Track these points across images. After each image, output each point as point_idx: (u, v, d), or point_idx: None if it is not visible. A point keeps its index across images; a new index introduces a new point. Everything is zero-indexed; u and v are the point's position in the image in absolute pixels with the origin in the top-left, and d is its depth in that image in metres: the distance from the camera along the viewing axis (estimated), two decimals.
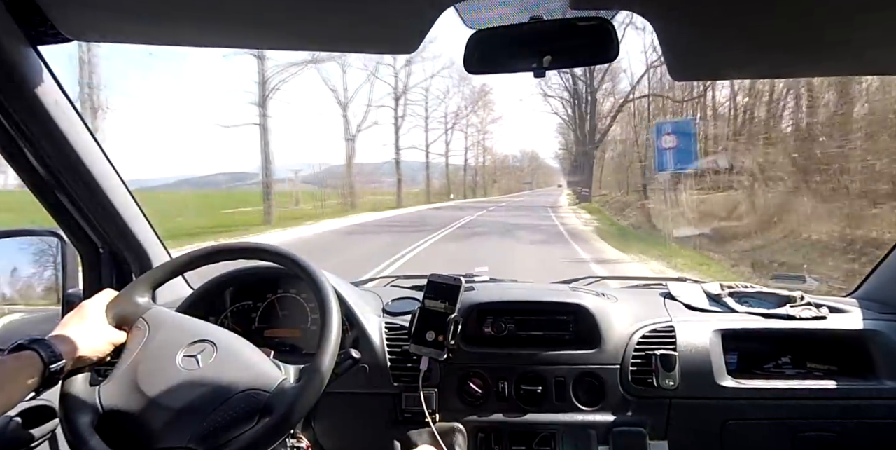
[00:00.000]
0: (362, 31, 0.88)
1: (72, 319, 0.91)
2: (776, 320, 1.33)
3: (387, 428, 1.25)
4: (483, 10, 0.88)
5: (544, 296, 1.37)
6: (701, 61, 0.97)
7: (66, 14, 0.83)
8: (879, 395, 1.21)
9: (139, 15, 0.82)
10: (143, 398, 0.83)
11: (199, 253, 1.07)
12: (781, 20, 0.78)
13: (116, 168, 1.33)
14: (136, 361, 0.88)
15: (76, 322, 0.91)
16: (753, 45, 0.88)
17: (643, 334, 1.28)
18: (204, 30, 0.90)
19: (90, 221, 1.36)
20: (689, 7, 0.75)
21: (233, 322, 1.36)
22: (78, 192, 1.29)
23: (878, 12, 0.74)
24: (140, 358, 0.88)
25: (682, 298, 1.47)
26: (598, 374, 1.25)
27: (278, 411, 0.83)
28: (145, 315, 0.94)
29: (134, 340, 0.91)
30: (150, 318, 0.93)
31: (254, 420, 0.84)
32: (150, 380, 0.85)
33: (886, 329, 1.28)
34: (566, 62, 0.95)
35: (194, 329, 0.94)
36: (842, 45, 0.88)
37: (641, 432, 1.22)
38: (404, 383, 1.23)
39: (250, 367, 0.90)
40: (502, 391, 1.26)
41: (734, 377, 1.25)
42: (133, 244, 1.44)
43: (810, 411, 1.22)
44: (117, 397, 0.84)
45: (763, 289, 1.49)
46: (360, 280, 1.70)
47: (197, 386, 0.85)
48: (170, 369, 0.87)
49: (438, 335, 1.18)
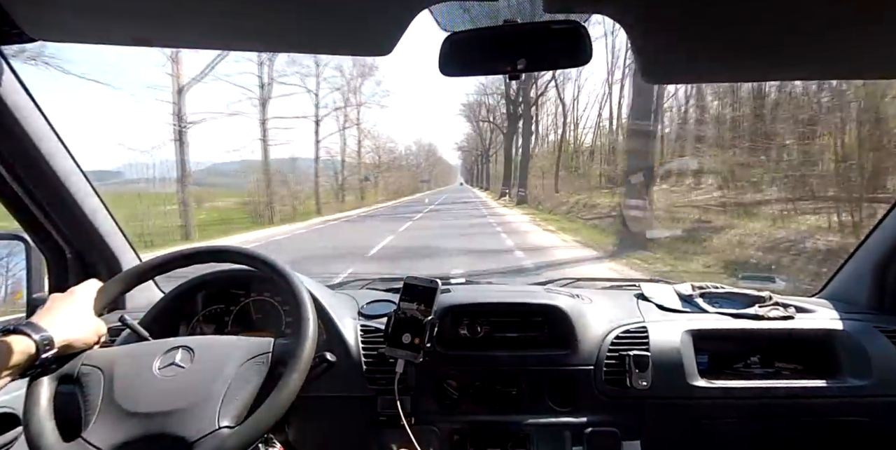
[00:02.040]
0: (337, 33, 0.87)
1: (62, 304, 0.89)
2: (745, 320, 1.36)
3: (362, 431, 1.24)
4: (458, 13, 0.88)
5: (519, 298, 1.37)
6: (673, 65, 0.99)
7: (30, 13, 0.81)
8: (843, 393, 1.24)
9: (105, 15, 0.80)
10: (142, 418, 0.81)
11: (171, 256, 1.06)
12: (754, 24, 0.79)
13: (83, 169, 1.30)
14: (107, 397, 0.84)
15: (67, 308, 0.88)
16: (726, 49, 0.90)
17: (617, 335, 1.30)
18: (173, 31, 0.88)
19: (56, 224, 1.32)
20: (661, 11, 0.76)
21: (205, 326, 1.33)
22: (43, 194, 1.26)
23: (849, 18, 0.76)
24: (111, 393, 0.84)
25: (655, 299, 1.49)
26: (572, 375, 1.26)
27: (291, 360, 0.87)
28: (85, 361, 0.89)
29: (90, 384, 0.86)
30: (92, 361, 0.89)
31: (270, 378, 0.87)
32: (139, 401, 0.83)
33: (850, 329, 1.32)
34: (540, 65, 0.96)
35: (151, 347, 0.94)
36: (813, 50, 0.90)
37: (615, 433, 1.23)
38: (380, 386, 1.23)
39: (238, 346, 0.91)
40: (478, 393, 1.27)
41: (705, 377, 1.27)
42: (101, 248, 1.41)
43: (778, 409, 1.25)
44: (112, 433, 0.80)
45: (733, 289, 1.52)
46: (335, 283, 1.69)
47: (193, 381, 0.85)
48: (154, 384, 0.85)
49: (414, 338, 1.17)
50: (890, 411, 1.23)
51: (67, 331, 0.85)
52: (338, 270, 7.36)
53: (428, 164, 68.18)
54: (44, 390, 0.84)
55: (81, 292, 0.92)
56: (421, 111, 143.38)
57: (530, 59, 0.89)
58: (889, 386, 1.24)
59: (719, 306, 1.44)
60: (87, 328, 0.89)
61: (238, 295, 1.36)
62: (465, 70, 0.97)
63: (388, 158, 41.73)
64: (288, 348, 0.90)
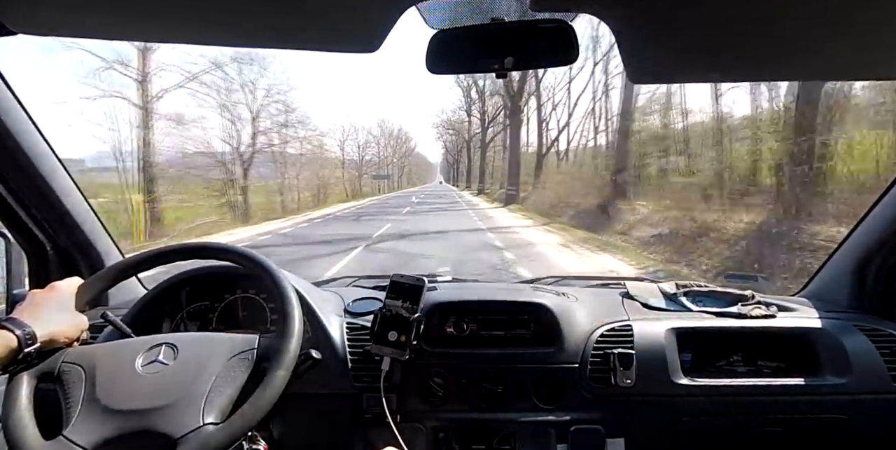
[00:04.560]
0: (322, 29, 0.86)
1: (44, 300, 0.88)
2: (728, 319, 1.38)
3: (347, 429, 1.24)
4: (445, 11, 0.88)
5: (505, 296, 1.38)
6: (660, 65, 0.99)
7: (9, 5, 0.80)
8: (823, 391, 1.26)
9: (86, 8, 0.78)
10: (125, 416, 0.80)
11: (154, 253, 1.05)
12: (741, 24, 0.80)
13: (64, 164, 1.28)
14: (89, 394, 0.83)
15: (49, 303, 0.88)
16: (713, 49, 0.90)
17: (602, 333, 1.31)
18: (155, 25, 0.87)
19: (36, 219, 1.30)
20: (648, 10, 0.77)
21: (189, 323, 1.32)
22: (23, 188, 1.24)
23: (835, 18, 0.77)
24: (93, 390, 0.83)
25: (640, 297, 1.50)
26: (557, 372, 1.27)
27: (276, 356, 0.87)
28: (66, 358, 0.88)
29: (71, 382, 0.85)
30: (73, 358, 0.88)
31: (255, 375, 0.87)
32: (122, 398, 0.82)
33: (830, 327, 1.34)
34: (527, 63, 0.96)
35: (133, 344, 0.93)
36: (801, 50, 0.91)
37: (599, 431, 1.24)
38: (365, 384, 1.22)
39: (222, 343, 0.91)
40: (463, 391, 1.27)
41: (688, 375, 1.28)
42: (83, 244, 1.39)
43: (760, 407, 1.27)
44: (95, 431, 0.78)
45: (716, 288, 1.53)
46: (321, 280, 1.68)
47: (177, 378, 0.84)
48: (137, 381, 0.84)
49: (400, 336, 1.17)
50: (868, 409, 1.26)
51: (49, 326, 0.84)
52: None
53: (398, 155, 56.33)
54: (23, 388, 0.83)
55: (63, 288, 0.91)
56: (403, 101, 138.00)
57: (517, 57, 0.90)
58: (867, 384, 1.26)
59: (703, 305, 1.46)
60: (69, 323, 0.88)
61: (223, 292, 1.35)
62: (453, 67, 0.97)
63: (309, 150, 27.96)
64: (273, 344, 0.90)
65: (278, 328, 0.94)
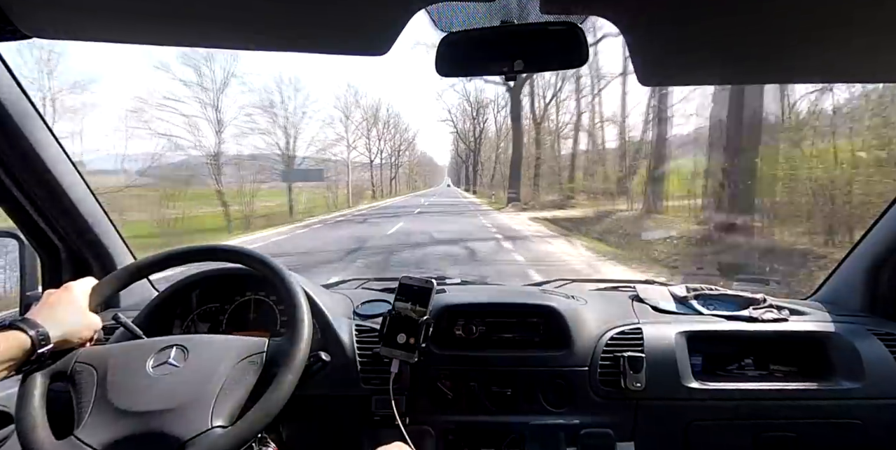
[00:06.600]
0: (333, 32, 0.87)
1: (58, 300, 0.88)
2: (739, 322, 1.36)
3: (356, 431, 1.24)
4: (454, 14, 0.88)
5: (515, 298, 1.37)
6: (670, 67, 0.99)
7: (25, 10, 0.81)
8: (837, 395, 1.25)
9: (101, 12, 0.79)
10: (135, 417, 0.80)
11: (166, 255, 1.06)
12: (751, 26, 0.79)
13: (77, 167, 1.29)
14: (100, 395, 0.83)
15: (63, 303, 0.88)
16: (723, 52, 0.90)
17: (611, 336, 1.30)
18: (168, 28, 0.88)
19: (50, 221, 1.32)
20: (658, 13, 0.76)
21: (199, 325, 1.33)
22: (37, 191, 1.25)
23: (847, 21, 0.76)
24: (104, 391, 0.84)
25: (650, 300, 1.49)
26: (566, 375, 1.26)
27: (285, 359, 0.87)
28: (78, 359, 0.88)
29: (83, 382, 0.85)
30: (85, 359, 0.89)
31: (264, 378, 0.87)
32: (132, 398, 0.82)
33: (843, 331, 1.32)
34: (537, 66, 0.96)
35: (144, 345, 0.93)
36: (812, 53, 0.90)
37: (609, 434, 1.23)
38: (374, 386, 1.22)
39: (232, 345, 0.91)
40: (472, 394, 1.27)
41: (699, 379, 1.27)
42: (95, 246, 1.41)
43: (772, 411, 1.25)
44: (105, 432, 0.79)
45: (727, 291, 1.52)
46: (330, 282, 1.69)
47: (187, 380, 0.85)
48: (147, 382, 0.85)
49: (409, 338, 1.17)
50: (883, 414, 1.24)
51: (63, 326, 0.84)
52: None
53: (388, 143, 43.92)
54: (37, 387, 0.84)
55: (76, 288, 0.92)
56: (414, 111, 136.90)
57: (527, 60, 0.89)
58: (882, 389, 1.24)
59: (714, 308, 1.45)
60: (82, 324, 0.88)
61: (233, 294, 1.36)
62: (462, 70, 0.97)
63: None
64: (282, 347, 0.90)
65: (287, 331, 0.94)
